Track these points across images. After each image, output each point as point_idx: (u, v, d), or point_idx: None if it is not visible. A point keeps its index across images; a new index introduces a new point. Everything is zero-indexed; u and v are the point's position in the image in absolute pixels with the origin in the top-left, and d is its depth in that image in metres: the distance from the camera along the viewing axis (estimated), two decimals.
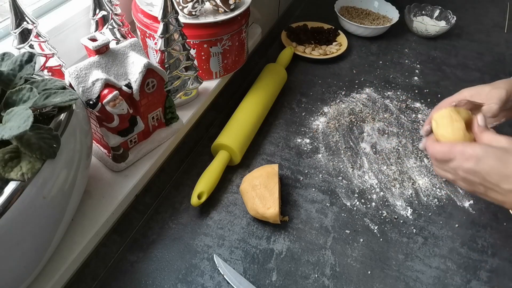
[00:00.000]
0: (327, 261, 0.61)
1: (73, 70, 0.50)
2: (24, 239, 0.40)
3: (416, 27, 1.11)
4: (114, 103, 0.51)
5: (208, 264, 0.60)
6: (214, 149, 0.72)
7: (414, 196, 0.70)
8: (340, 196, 0.70)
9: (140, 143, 0.62)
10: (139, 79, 0.54)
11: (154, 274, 0.58)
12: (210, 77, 0.76)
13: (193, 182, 0.67)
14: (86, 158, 0.48)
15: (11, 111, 0.37)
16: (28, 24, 0.50)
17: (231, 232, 0.64)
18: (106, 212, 0.55)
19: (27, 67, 0.42)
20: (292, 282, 0.58)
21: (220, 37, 0.69)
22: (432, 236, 0.65)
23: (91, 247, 0.54)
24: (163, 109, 0.63)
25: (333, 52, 1.01)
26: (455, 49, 1.09)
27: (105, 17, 0.62)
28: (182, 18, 0.63)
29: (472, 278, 0.60)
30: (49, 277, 0.48)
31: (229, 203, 0.68)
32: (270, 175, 0.65)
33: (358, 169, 0.75)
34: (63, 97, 0.42)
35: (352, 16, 1.14)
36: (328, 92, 0.92)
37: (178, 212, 0.66)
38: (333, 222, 0.66)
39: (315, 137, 0.80)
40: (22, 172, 0.36)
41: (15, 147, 0.37)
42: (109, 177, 0.59)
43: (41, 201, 0.39)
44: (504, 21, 1.23)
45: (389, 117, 0.86)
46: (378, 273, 0.60)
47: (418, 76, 0.98)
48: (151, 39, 0.68)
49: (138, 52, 0.55)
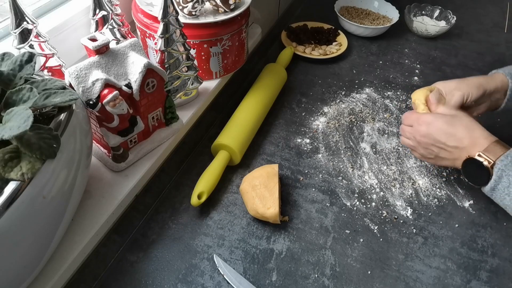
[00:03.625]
0: (327, 261, 0.61)
1: (73, 70, 0.50)
2: (24, 239, 0.40)
3: (416, 27, 1.11)
4: (114, 103, 0.51)
5: (208, 264, 0.60)
6: (214, 149, 0.72)
7: (414, 196, 0.70)
8: (340, 196, 0.70)
9: (140, 143, 0.62)
10: (139, 79, 0.54)
11: (154, 274, 0.58)
12: (210, 77, 0.76)
13: (193, 182, 0.67)
14: (86, 158, 0.48)
15: (11, 111, 0.37)
16: (28, 24, 0.50)
17: (231, 232, 0.64)
18: (106, 212, 0.55)
19: (27, 67, 0.42)
20: (292, 282, 0.58)
21: (220, 37, 0.69)
22: (432, 236, 0.65)
23: (91, 247, 0.54)
24: (163, 109, 0.63)
25: (333, 52, 1.01)
26: (455, 49, 1.09)
27: (105, 17, 0.62)
28: (182, 18, 0.63)
29: (472, 278, 0.60)
30: (49, 277, 0.48)
31: (229, 203, 0.68)
32: (270, 175, 0.65)
33: (358, 169, 0.75)
34: (63, 97, 0.42)
35: (352, 16, 1.14)
36: (328, 92, 0.92)
37: (178, 212, 0.66)
38: (333, 222, 0.66)
39: (315, 137, 0.80)
40: (22, 172, 0.36)
41: (15, 147, 0.37)
42: (109, 177, 0.59)
43: (41, 201, 0.39)
44: (504, 21, 1.23)
45: (389, 117, 0.86)
46: (378, 273, 0.60)
47: (418, 76, 0.98)
48: (151, 39, 0.68)
49: (138, 52, 0.55)
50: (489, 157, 0.57)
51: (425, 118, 0.64)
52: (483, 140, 0.59)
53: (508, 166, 0.55)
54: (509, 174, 0.55)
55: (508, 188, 0.55)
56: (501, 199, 0.57)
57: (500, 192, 0.56)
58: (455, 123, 0.61)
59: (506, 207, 0.57)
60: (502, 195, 0.56)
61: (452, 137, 0.60)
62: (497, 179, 0.56)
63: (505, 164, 0.55)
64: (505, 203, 0.56)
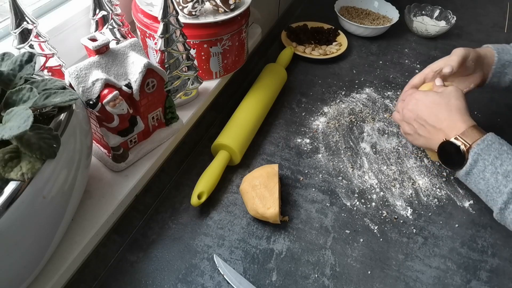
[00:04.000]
0: (327, 261, 0.61)
1: (73, 70, 0.50)
2: (24, 239, 0.40)
3: (416, 27, 1.11)
4: (114, 103, 0.51)
5: (208, 264, 0.60)
6: (214, 149, 0.72)
7: (414, 196, 0.70)
8: (340, 196, 0.70)
9: (140, 143, 0.62)
10: (139, 79, 0.54)
11: (154, 274, 0.58)
12: (210, 77, 0.76)
13: (193, 182, 0.67)
14: (86, 158, 0.48)
15: (11, 111, 0.37)
16: (28, 24, 0.50)
17: (231, 232, 0.64)
18: (106, 212, 0.55)
19: (27, 67, 0.42)
20: (292, 282, 0.58)
21: (220, 37, 0.69)
22: (432, 236, 0.65)
23: (91, 247, 0.54)
24: (163, 109, 0.63)
25: (333, 52, 1.01)
26: None
27: (105, 17, 0.62)
28: (182, 18, 0.63)
29: (472, 278, 0.60)
30: (49, 277, 0.48)
31: (229, 203, 0.68)
32: (270, 175, 0.65)
33: (358, 169, 0.75)
34: (63, 97, 0.42)
35: (352, 16, 1.14)
36: (328, 92, 0.92)
37: (178, 212, 0.66)
38: (333, 222, 0.66)
39: (315, 137, 0.80)
40: (22, 172, 0.36)
41: (15, 147, 0.37)
42: (109, 177, 0.59)
43: (41, 201, 0.39)
44: (504, 21, 1.23)
45: (389, 117, 0.86)
46: (378, 273, 0.60)
47: None
48: (151, 39, 0.68)
49: (138, 52, 0.55)
50: (465, 141, 0.57)
51: (417, 95, 0.66)
52: (461, 124, 0.59)
53: (484, 150, 0.55)
54: (484, 158, 0.55)
55: (483, 172, 0.55)
56: (476, 183, 0.57)
57: (475, 176, 0.56)
58: (441, 103, 0.62)
59: (480, 192, 0.57)
60: (477, 179, 0.56)
61: (434, 116, 0.62)
62: (473, 163, 0.56)
63: (481, 148, 0.56)
64: (480, 188, 0.57)
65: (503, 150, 0.55)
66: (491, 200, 0.56)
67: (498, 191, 0.54)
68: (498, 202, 0.55)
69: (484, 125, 0.61)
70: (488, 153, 0.55)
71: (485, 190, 0.56)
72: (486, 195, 0.57)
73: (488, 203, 0.58)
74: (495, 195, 0.55)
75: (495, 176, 0.54)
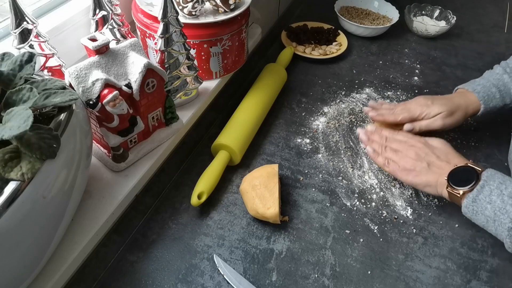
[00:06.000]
0: (327, 261, 0.61)
1: (73, 70, 0.50)
2: (24, 239, 0.40)
3: (416, 27, 1.11)
4: (114, 103, 0.51)
5: (208, 264, 0.60)
6: (214, 149, 0.72)
7: (414, 196, 0.70)
8: (340, 196, 0.70)
9: (140, 143, 0.62)
10: (139, 79, 0.54)
11: (154, 274, 0.58)
12: (210, 77, 0.76)
13: (193, 182, 0.67)
14: (86, 158, 0.48)
15: (11, 111, 0.37)
16: (28, 24, 0.50)
17: (231, 232, 0.64)
18: (106, 212, 0.55)
19: (27, 67, 0.42)
20: (292, 282, 0.58)
21: (220, 37, 0.69)
22: (432, 236, 0.65)
23: (91, 247, 0.54)
24: (163, 109, 0.63)
25: (333, 52, 1.01)
26: (455, 49, 1.09)
27: (105, 17, 0.62)
28: (182, 18, 0.63)
29: (472, 278, 0.60)
30: (49, 277, 0.48)
31: (229, 203, 0.68)
32: (270, 175, 0.65)
33: (358, 169, 0.75)
34: (63, 97, 0.42)
35: (352, 16, 1.14)
36: (328, 92, 0.92)
37: (178, 212, 0.66)
38: (333, 222, 0.66)
39: (315, 137, 0.80)
40: (22, 172, 0.36)
41: (15, 147, 0.37)
42: (109, 177, 0.59)
43: (41, 201, 0.39)
44: (504, 21, 1.23)
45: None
46: (378, 273, 0.60)
47: (418, 76, 0.98)
48: (151, 39, 0.68)
49: (138, 52, 0.55)
50: (476, 167, 0.59)
51: (434, 139, 0.68)
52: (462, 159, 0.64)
53: (489, 177, 0.57)
54: (490, 184, 0.56)
55: (489, 196, 0.55)
56: (483, 209, 0.56)
57: (482, 202, 0.56)
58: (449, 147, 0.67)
59: (488, 220, 0.56)
60: (484, 204, 0.56)
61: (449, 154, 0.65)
62: (479, 189, 0.57)
63: (487, 176, 0.57)
64: (487, 214, 0.56)
65: (506, 178, 0.57)
66: (499, 225, 0.55)
67: (504, 211, 0.54)
68: (506, 223, 0.54)
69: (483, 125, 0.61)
70: (493, 180, 0.57)
71: (492, 216, 0.55)
72: (494, 221, 0.55)
73: (497, 230, 0.55)
74: (502, 216, 0.54)
75: (501, 198, 0.55)
